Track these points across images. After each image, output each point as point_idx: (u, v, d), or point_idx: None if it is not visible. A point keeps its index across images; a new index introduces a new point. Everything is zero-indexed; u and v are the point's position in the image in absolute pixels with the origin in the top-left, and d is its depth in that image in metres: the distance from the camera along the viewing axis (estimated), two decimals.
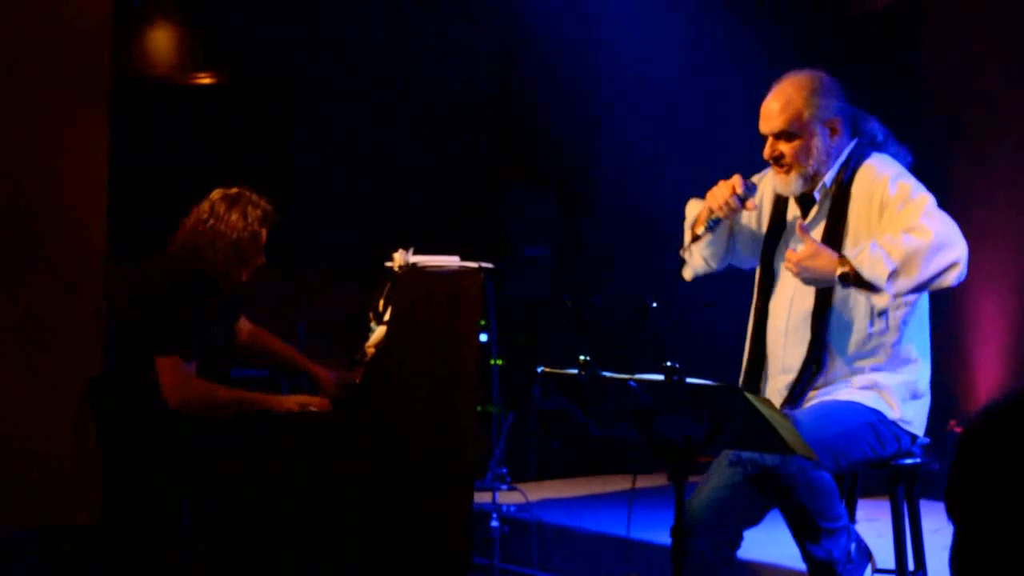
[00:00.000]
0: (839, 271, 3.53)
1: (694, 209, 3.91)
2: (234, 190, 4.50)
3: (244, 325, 4.78)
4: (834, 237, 3.71)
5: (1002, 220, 6.62)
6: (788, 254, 3.64)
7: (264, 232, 4.49)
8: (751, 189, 3.76)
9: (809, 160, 3.73)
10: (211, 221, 4.42)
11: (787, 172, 3.76)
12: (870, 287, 3.51)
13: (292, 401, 4.44)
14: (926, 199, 3.59)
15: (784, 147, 3.74)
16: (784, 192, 3.84)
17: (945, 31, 6.91)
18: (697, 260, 3.99)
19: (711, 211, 3.76)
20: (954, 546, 1.70)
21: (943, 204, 3.63)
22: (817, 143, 3.73)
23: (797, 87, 3.75)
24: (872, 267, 3.48)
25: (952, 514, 1.70)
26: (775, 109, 3.75)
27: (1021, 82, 6.57)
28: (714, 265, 3.99)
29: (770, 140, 3.77)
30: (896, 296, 3.56)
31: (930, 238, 3.49)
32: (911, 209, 3.57)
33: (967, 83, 6.78)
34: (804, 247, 3.60)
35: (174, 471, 4.29)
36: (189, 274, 4.39)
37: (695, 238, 3.82)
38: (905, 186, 3.63)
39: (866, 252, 3.50)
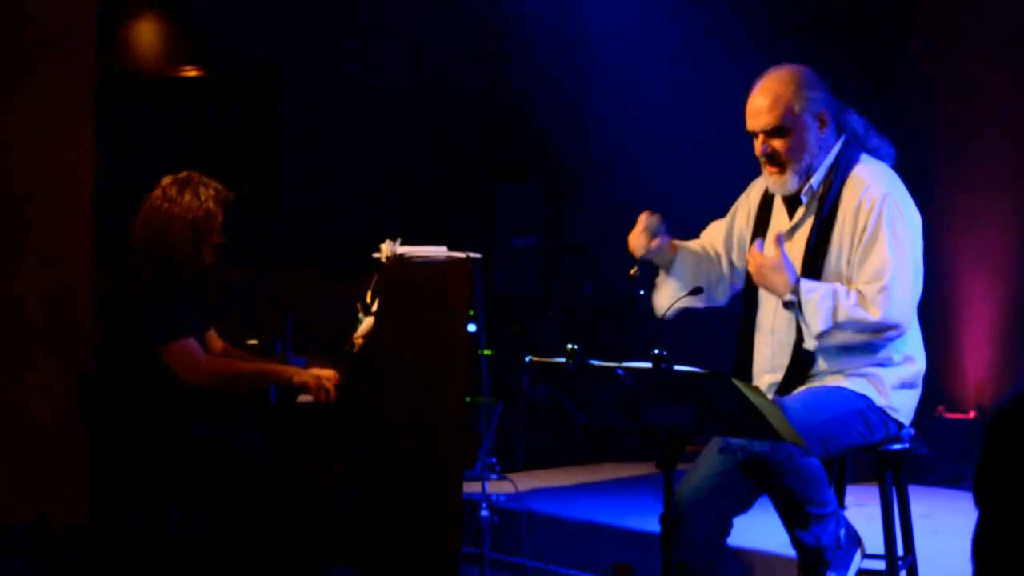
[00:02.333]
0: (786, 297, 3.64)
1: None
2: (183, 174, 4.51)
3: (216, 342, 4.74)
4: (819, 245, 3.70)
5: (989, 205, 6.64)
6: (752, 253, 3.72)
7: (219, 211, 4.48)
8: (659, 226, 3.86)
9: (803, 155, 3.71)
10: (165, 205, 4.42)
11: (781, 171, 3.74)
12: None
13: (310, 374, 4.41)
14: (890, 264, 3.59)
15: (777, 143, 3.71)
16: (779, 191, 3.81)
17: (931, 17, 6.92)
18: (661, 299, 3.98)
19: (632, 254, 3.90)
20: (977, 531, 1.71)
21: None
22: (809, 137, 3.71)
23: (784, 82, 3.72)
24: (812, 316, 3.58)
25: (979, 500, 1.71)
26: (764, 106, 3.71)
27: (1007, 67, 6.58)
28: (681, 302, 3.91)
29: (760, 137, 3.74)
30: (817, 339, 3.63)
31: (876, 319, 3.56)
32: (875, 270, 3.59)
33: (953, 68, 6.78)
34: (772, 255, 3.66)
35: (163, 468, 4.29)
36: (153, 263, 4.40)
37: (630, 281, 3.89)
38: (884, 226, 3.62)
39: (815, 299, 3.58)
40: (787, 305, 3.65)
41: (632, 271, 3.87)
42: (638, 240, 3.89)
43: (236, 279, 6.43)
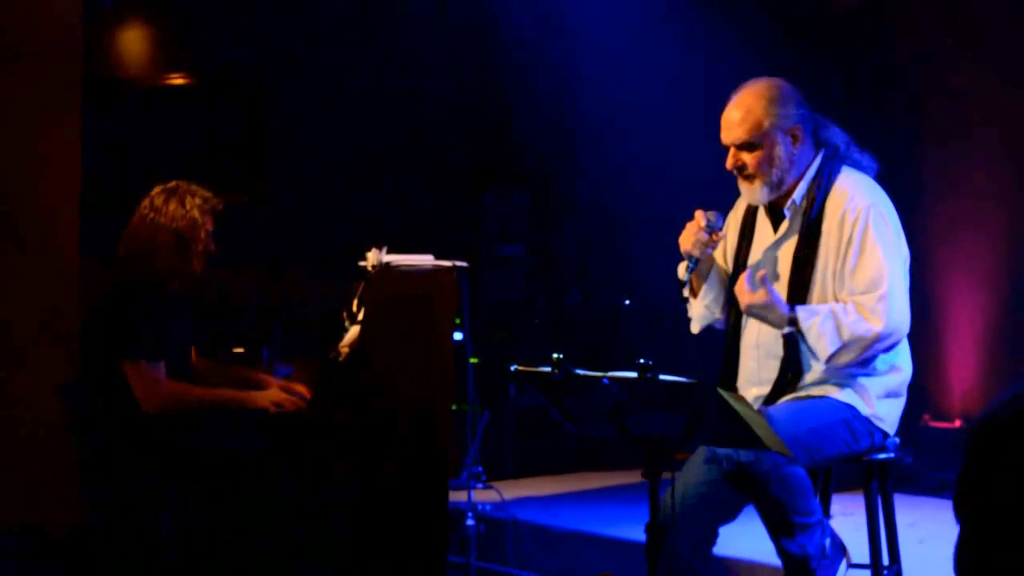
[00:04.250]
0: (786, 330, 3.64)
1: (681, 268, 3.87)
2: (172, 183, 4.53)
3: (197, 360, 4.72)
4: (805, 259, 3.71)
5: (973, 213, 6.66)
6: (740, 290, 3.66)
7: (207, 220, 4.49)
8: (717, 220, 3.75)
9: (772, 169, 3.73)
10: (151, 215, 4.45)
11: (751, 182, 3.76)
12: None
13: (268, 399, 4.44)
14: (887, 273, 3.61)
15: (746, 157, 3.74)
16: (752, 201, 3.85)
17: (916, 25, 6.94)
18: (699, 310, 3.93)
19: (688, 255, 3.75)
20: (960, 546, 1.70)
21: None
22: (779, 152, 3.72)
23: (756, 96, 3.74)
24: (817, 341, 3.58)
25: (960, 514, 1.70)
26: (735, 119, 3.74)
27: (992, 75, 6.60)
28: (718, 312, 3.93)
29: (732, 151, 3.76)
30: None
31: (879, 329, 3.57)
32: (871, 279, 3.60)
33: (938, 77, 6.80)
34: (760, 294, 3.63)
35: (151, 474, 4.28)
36: (139, 275, 4.40)
37: (682, 286, 3.81)
38: (873, 235, 3.63)
39: (815, 324, 3.58)
40: (790, 336, 3.64)
41: (684, 276, 3.75)
42: (698, 237, 3.72)
43: (223, 285, 6.43)
